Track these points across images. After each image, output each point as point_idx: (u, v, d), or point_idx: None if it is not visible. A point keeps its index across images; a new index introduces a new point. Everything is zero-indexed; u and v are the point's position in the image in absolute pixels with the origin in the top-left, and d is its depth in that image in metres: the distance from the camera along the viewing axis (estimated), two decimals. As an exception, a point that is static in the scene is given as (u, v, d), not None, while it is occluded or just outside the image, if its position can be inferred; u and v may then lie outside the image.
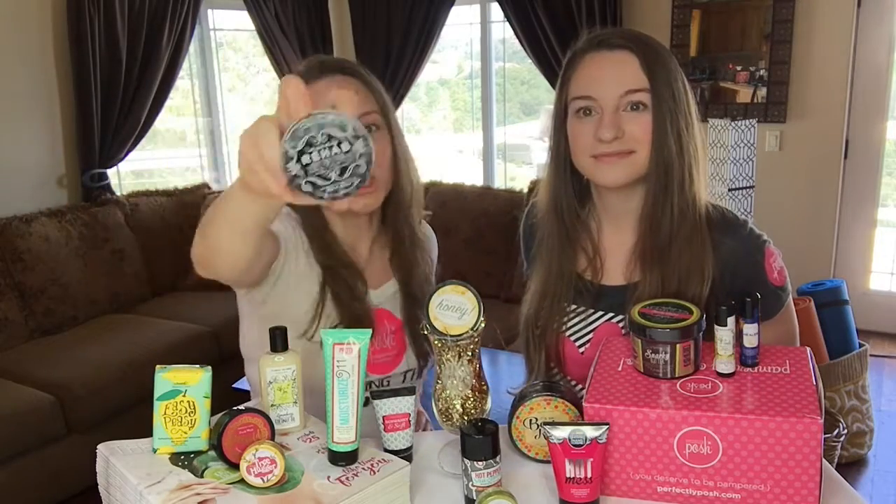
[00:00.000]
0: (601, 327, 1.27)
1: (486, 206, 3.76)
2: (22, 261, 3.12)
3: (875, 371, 3.29)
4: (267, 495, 0.92)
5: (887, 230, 3.98)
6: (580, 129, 1.19)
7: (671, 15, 3.89)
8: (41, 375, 2.75)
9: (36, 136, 3.49)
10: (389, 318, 1.34)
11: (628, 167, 1.18)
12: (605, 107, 1.16)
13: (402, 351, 1.35)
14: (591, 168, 1.21)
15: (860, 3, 3.63)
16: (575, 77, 1.20)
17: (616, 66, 1.17)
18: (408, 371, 1.37)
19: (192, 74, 4.39)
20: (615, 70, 1.16)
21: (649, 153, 1.17)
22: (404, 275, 1.35)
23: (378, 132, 1.24)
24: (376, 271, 1.34)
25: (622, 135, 1.16)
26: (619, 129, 1.15)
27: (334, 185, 0.69)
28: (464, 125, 5.21)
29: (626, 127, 1.16)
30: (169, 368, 1.02)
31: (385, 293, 1.34)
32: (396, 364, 1.35)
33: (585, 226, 1.30)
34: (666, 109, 1.15)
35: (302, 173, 0.68)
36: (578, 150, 1.21)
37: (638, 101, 1.16)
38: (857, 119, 3.75)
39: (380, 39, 4.58)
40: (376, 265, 1.35)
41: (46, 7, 3.44)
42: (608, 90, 1.16)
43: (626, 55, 1.16)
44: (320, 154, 0.68)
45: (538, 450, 1.11)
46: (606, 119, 1.16)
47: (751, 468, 0.95)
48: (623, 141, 1.16)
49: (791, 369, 1.04)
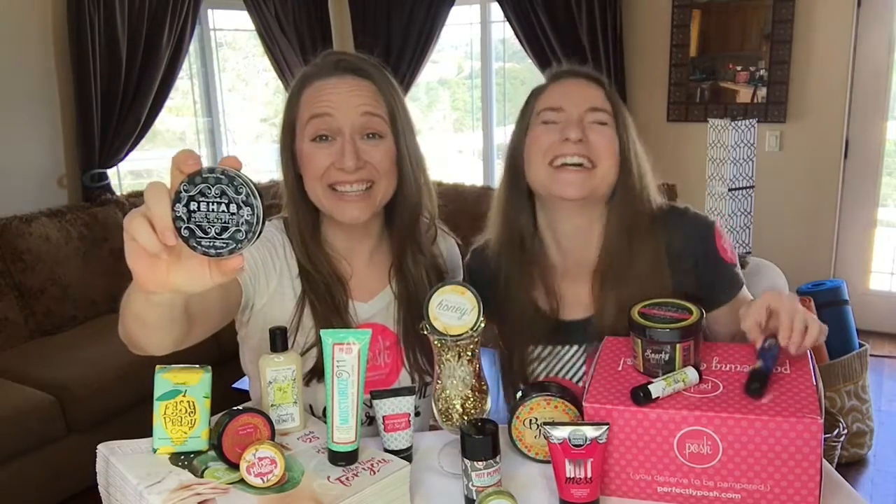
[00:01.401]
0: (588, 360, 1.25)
1: (486, 207, 3.74)
2: (22, 261, 3.12)
3: (875, 371, 3.29)
4: (267, 495, 0.92)
5: (887, 230, 3.98)
6: (543, 135, 1.22)
7: (671, 15, 3.89)
8: (41, 375, 2.75)
9: (36, 136, 3.49)
10: (383, 332, 1.26)
11: (588, 180, 1.20)
12: (571, 117, 1.22)
13: (396, 369, 1.26)
14: (548, 179, 1.21)
15: (860, 3, 3.62)
16: (543, 94, 1.27)
17: (583, 88, 1.26)
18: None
19: (192, 74, 4.39)
20: (582, 90, 1.25)
21: (610, 169, 1.22)
22: (404, 286, 1.26)
23: (380, 141, 1.18)
24: (372, 281, 1.27)
25: (587, 140, 1.20)
26: (585, 134, 1.20)
27: (210, 241, 0.69)
28: (464, 125, 5.21)
29: (590, 136, 1.21)
30: (169, 368, 1.02)
31: (377, 305, 1.26)
32: (390, 384, 1.27)
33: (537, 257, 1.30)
34: (625, 131, 1.23)
35: (185, 217, 0.68)
36: (537, 157, 1.22)
37: (602, 120, 1.23)
38: (857, 119, 3.75)
39: (380, 39, 4.57)
40: (373, 275, 1.27)
41: (46, 7, 3.44)
42: (575, 103, 1.22)
43: (593, 84, 1.26)
44: (208, 206, 0.68)
45: (538, 450, 1.11)
46: (574, 123, 1.21)
47: (751, 468, 0.95)
48: (587, 146, 1.19)
49: (791, 369, 1.04)
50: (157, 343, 0.96)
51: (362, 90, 1.17)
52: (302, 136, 1.17)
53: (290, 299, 1.22)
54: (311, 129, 1.15)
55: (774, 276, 1.71)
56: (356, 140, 1.16)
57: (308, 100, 1.17)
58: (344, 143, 1.14)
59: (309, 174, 1.17)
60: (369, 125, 1.17)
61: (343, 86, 1.16)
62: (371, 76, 1.19)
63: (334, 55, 1.22)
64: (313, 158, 1.16)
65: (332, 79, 1.17)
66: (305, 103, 1.17)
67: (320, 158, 1.15)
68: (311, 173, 1.17)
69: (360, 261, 1.27)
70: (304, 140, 1.17)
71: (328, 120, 1.15)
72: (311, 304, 1.21)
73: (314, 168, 1.16)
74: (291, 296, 1.22)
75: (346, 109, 1.15)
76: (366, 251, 1.27)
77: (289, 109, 1.20)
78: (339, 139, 1.15)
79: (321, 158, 1.15)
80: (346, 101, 1.15)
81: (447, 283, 1.06)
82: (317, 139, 1.16)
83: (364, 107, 1.16)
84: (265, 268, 1.20)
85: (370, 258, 1.28)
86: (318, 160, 1.15)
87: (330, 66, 1.19)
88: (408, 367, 1.26)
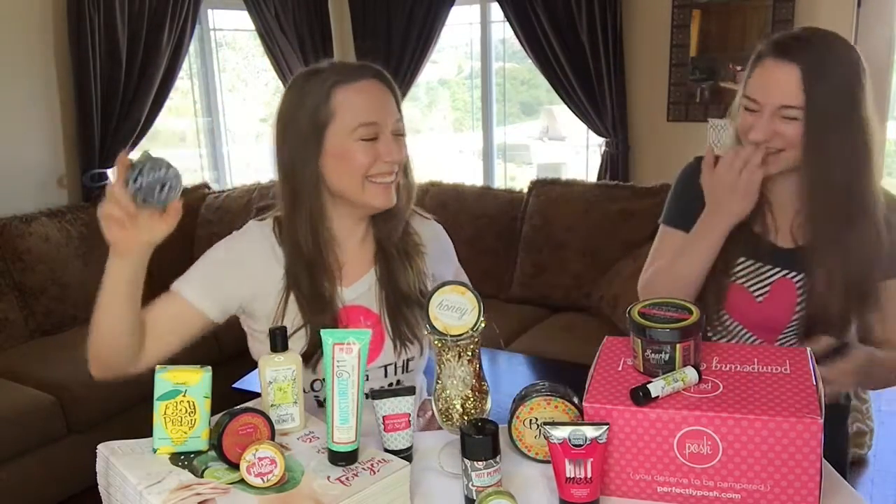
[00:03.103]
0: (779, 282, 1.35)
1: (486, 206, 3.75)
2: (22, 261, 3.12)
3: (875, 371, 3.29)
4: (267, 495, 0.93)
5: (887, 230, 3.98)
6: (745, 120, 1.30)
7: (671, 15, 3.88)
8: (41, 375, 2.75)
9: (36, 136, 3.49)
10: (366, 313, 1.35)
11: (777, 163, 1.28)
12: (765, 111, 1.26)
13: (379, 344, 1.34)
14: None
15: (860, 3, 3.62)
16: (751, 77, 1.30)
17: (779, 79, 1.25)
18: (388, 365, 1.36)
19: (192, 74, 4.39)
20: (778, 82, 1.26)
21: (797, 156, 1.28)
22: (386, 268, 1.37)
23: (402, 139, 1.32)
24: (355, 264, 1.37)
25: (773, 137, 1.26)
26: (772, 132, 1.26)
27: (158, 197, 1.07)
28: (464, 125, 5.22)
29: (779, 130, 1.26)
30: (169, 368, 1.02)
31: (359, 288, 1.36)
32: (373, 359, 1.34)
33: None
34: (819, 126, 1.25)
35: (137, 188, 1.05)
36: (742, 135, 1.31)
37: (792, 116, 1.25)
38: (857, 119, 3.75)
39: (380, 39, 4.57)
40: (359, 260, 1.37)
41: (46, 7, 3.44)
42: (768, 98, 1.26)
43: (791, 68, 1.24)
44: (148, 177, 1.05)
45: (538, 450, 1.11)
46: (762, 122, 1.27)
47: (751, 468, 0.95)
48: (774, 142, 1.27)
49: (791, 369, 1.04)
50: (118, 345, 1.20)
51: (390, 96, 1.32)
52: (344, 135, 1.27)
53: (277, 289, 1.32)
54: (362, 131, 1.27)
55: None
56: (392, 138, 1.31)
57: (348, 103, 1.27)
58: (388, 141, 1.29)
59: (350, 169, 1.27)
60: (398, 127, 1.31)
61: (377, 90, 1.30)
62: (390, 84, 1.33)
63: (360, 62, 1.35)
64: (358, 155, 1.27)
65: (362, 82, 1.29)
66: (345, 106, 1.26)
67: (367, 155, 1.27)
68: (353, 168, 1.27)
69: (353, 245, 1.37)
70: (349, 139, 1.27)
71: (377, 124, 1.28)
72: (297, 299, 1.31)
73: (359, 164, 1.27)
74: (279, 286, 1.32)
75: (387, 113, 1.29)
76: (359, 238, 1.37)
77: (315, 111, 1.27)
78: (382, 138, 1.28)
79: (367, 155, 1.27)
80: (385, 105, 1.30)
81: (447, 283, 1.06)
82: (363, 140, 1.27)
83: (396, 112, 1.32)
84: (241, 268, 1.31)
85: (360, 244, 1.38)
86: (365, 157, 1.27)
87: (356, 70, 1.30)
88: (391, 339, 1.35)
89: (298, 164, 1.28)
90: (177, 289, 1.29)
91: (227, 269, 1.31)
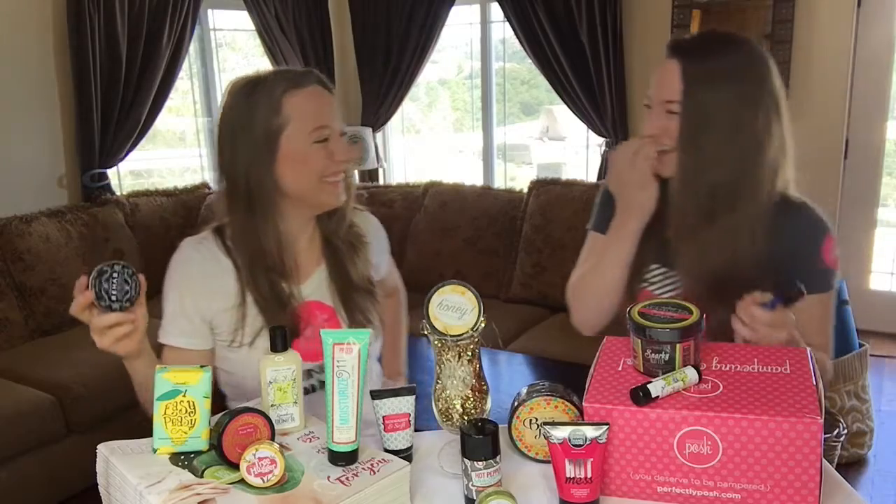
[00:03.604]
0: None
1: (486, 206, 3.75)
2: (22, 261, 3.12)
3: (875, 371, 3.29)
4: (267, 495, 0.93)
5: (887, 230, 3.98)
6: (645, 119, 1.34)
7: (671, 15, 3.89)
8: (41, 375, 2.74)
9: (36, 136, 3.49)
10: (321, 307, 1.41)
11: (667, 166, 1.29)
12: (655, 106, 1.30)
13: None
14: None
15: (860, 3, 3.62)
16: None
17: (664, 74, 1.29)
18: None
19: (192, 74, 4.39)
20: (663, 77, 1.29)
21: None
22: (336, 261, 1.43)
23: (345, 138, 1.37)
24: (306, 261, 1.42)
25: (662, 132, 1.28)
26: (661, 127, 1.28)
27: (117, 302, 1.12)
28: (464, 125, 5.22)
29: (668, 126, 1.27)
30: (169, 368, 1.03)
31: (312, 284, 1.41)
32: None
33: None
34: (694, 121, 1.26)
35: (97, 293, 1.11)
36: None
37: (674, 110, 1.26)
38: (857, 119, 3.75)
39: (380, 39, 4.57)
40: (309, 258, 1.42)
41: (46, 7, 3.44)
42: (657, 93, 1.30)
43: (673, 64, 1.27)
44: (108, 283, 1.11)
45: (538, 450, 1.11)
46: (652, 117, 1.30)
47: (751, 468, 0.95)
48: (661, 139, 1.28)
49: (791, 369, 1.04)
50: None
51: (333, 99, 1.37)
52: (300, 139, 1.31)
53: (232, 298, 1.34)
54: (317, 134, 1.31)
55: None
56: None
57: (300, 108, 1.31)
58: (338, 142, 1.35)
59: (307, 171, 1.32)
60: (343, 128, 1.38)
61: (324, 95, 1.35)
62: (331, 88, 1.38)
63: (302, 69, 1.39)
64: (315, 158, 1.32)
65: (310, 87, 1.33)
66: (298, 111, 1.30)
67: (322, 157, 1.32)
68: (310, 170, 1.32)
69: (302, 244, 1.42)
70: (305, 143, 1.31)
71: (328, 127, 1.33)
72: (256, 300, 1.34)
73: (316, 166, 1.32)
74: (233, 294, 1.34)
75: (334, 116, 1.35)
76: (308, 235, 1.42)
77: (267, 118, 1.30)
78: (333, 140, 1.34)
79: (323, 157, 1.32)
80: (332, 109, 1.35)
81: (447, 283, 1.06)
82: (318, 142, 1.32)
83: (339, 115, 1.38)
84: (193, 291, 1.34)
85: (309, 241, 1.43)
86: (321, 159, 1.32)
87: (303, 76, 1.34)
88: (347, 324, 1.41)
89: (254, 171, 1.30)
90: (166, 341, 1.34)
91: (183, 299, 1.34)
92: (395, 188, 4.15)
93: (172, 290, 1.35)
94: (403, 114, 5.09)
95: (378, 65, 4.60)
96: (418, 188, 4.02)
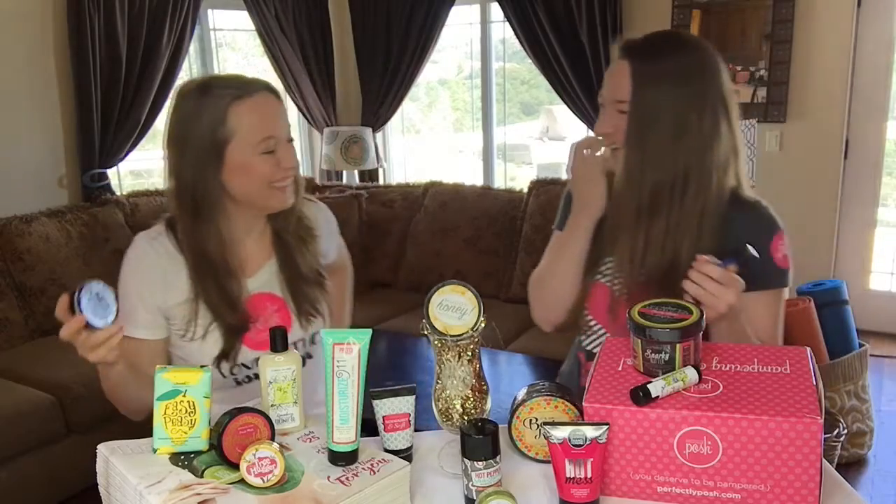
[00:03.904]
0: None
1: (486, 206, 3.75)
2: (22, 261, 3.12)
3: (875, 371, 3.29)
4: (267, 495, 0.93)
5: (887, 230, 3.98)
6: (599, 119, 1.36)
7: (671, 15, 3.89)
8: (41, 375, 2.74)
9: (36, 136, 3.49)
10: (271, 299, 1.43)
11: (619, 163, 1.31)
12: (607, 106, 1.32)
13: (287, 324, 1.42)
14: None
15: (860, 3, 3.62)
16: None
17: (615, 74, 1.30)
18: (297, 341, 1.43)
19: (192, 74, 4.38)
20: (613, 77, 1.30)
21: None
22: (285, 254, 1.44)
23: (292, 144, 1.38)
24: (255, 256, 1.43)
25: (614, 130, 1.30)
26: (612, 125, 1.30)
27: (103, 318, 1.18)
28: (464, 125, 5.22)
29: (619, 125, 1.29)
30: (169, 368, 1.03)
31: (262, 277, 1.43)
32: None
33: None
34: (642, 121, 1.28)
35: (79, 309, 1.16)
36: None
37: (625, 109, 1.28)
38: (857, 119, 3.75)
39: (380, 39, 4.57)
40: (258, 251, 1.44)
41: (46, 7, 3.44)
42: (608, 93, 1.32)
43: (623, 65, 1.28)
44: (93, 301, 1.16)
45: (538, 450, 1.11)
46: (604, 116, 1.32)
47: (751, 468, 0.95)
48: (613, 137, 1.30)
49: (791, 369, 1.04)
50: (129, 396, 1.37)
51: (280, 106, 1.37)
52: (246, 151, 1.31)
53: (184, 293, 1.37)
54: (263, 145, 1.31)
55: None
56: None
57: (246, 120, 1.30)
58: (284, 149, 1.35)
59: (254, 180, 1.33)
60: (288, 134, 1.38)
61: (270, 103, 1.35)
62: (278, 94, 1.38)
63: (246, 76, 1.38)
64: (261, 167, 1.32)
65: (256, 96, 1.32)
66: (244, 123, 1.30)
67: (268, 165, 1.33)
68: (256, 179, 1.33)
69: (251, 241, 1.43)
70: (251, 154, 1.31)
71: (274, 137, 1.33)
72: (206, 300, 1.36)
73: (262, 175, 1.32)
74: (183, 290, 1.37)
75: (280, 125, 1.35)
76: (257, 232, 1.44)
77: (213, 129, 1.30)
78: (279, 148, 1.34)
79: (269, 165, 1.33)
80: (278, 117, 1.36)
81: (447, 283, 1.06)
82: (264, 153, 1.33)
83: (286, 121, 1.38)
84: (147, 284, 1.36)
85: (259, 237, 1.44)
86: (267, 167, 1.33)
87: (249, 85, 1.33)
88: (297, 317, 1.44)
89: (199, 179, 1.32)
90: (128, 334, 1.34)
91: (141, 292, 1.36)
92: (395, 188, 4.15)
93: (130, 283, 1.37)
94: (403, 114, 5.09)
95: (378, 65, 4.59)
96: (418, 188, 4.02)
